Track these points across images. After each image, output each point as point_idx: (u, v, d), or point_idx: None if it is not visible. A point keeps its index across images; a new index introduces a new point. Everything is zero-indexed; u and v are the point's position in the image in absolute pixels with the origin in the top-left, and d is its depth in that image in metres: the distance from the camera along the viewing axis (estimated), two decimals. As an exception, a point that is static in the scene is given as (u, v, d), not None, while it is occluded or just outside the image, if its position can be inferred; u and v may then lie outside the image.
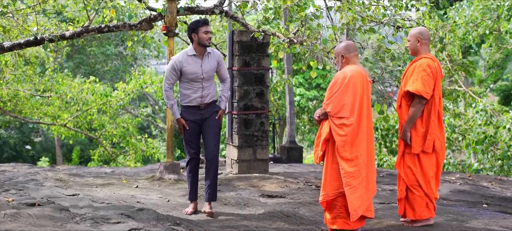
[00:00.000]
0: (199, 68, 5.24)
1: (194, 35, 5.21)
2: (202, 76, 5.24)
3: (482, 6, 14.54)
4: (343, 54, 4.55)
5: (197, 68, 5.23)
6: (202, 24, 5.20)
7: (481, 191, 6.83)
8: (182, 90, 5.29)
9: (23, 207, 4.54)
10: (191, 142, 5.35)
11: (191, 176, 5.40)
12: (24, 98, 14.59)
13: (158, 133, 27.82)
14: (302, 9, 7.42)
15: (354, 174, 4.33)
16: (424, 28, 4.96)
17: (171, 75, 5.25)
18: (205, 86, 5.29)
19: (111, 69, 25.62)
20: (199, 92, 5.27)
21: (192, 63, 5.22)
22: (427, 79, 4.61)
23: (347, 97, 4.36)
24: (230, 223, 4.96)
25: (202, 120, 5.32)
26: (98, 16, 11.10)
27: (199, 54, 5.25)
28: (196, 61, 5.24)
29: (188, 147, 5.37)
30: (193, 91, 5.26)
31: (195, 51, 5.25)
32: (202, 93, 5.28)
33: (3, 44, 8.10)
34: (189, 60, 5.22)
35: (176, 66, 5.20)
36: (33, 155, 27.96)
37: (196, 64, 5.23)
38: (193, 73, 5.22)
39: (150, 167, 9.99)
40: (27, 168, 9.29)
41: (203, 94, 5.28)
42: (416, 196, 4.70)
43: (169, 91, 5.30)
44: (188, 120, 5.30)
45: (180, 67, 5.20)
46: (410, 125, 4.67)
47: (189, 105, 5.29)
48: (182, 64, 5.20)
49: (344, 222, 4.44)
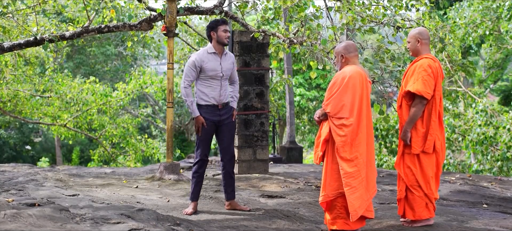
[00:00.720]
0: (218, 65, 5.27)
1: (213, 33, 5.26)
2: (221, 74, 5.28)
3: (482, 6, 14.55)
4: (342, 54, 4.55)
5: (217, 66, 5.26)
6: (221, 23, 5.25)
7: (481, 191, 6.83)
8: (201, 88, 5.29)
9: (23, 208, 4.54)
10: (205, 142, 5.34)
11: (197, 177, 5.40)
12: (24, 98, 14.59)
13: (158, 133, 27.82)
14: (302, 10, 7.42)
15: (354, 175, 4.33)
16: (423, 28, 4.96)
17: (190, 72, 5.24)
18: (223, 84, 5.33)
19: (111, 69, 25.63)
20: (218, 90, 5.29)
21: (212, 60, 5.25)
22: (428, 79, 4.61)
23: (346, 97, 4.36)
24: (230, 223, 4.96)
25: (219, 120, 5.34)
26: (98, 17, 11.10)
27: (218, 52, 5.30)
28: (216, 59, 5.28)
29: (202, 148, 5.34)
30: (212, 89, 5.27)
31: (215, 49, 5.29)
32: (221, 91, 5.30)
33: (3, 45, 8.10)
34: (209, 57, 5.25)
35: (196, 62, 5.21)
36: (33, 155, 27.97)
37: (216, 62, 5.27)
38: (213, 70, 5.24)
39: (150, 168, 9.99)
40: (27, 168, 9.29)
41: (221, 93, 5.30)
42: (416, 196, 4.70)
43: (188, 88, 5.26)
44: (206, 120, 5.29)
45: (200, 64, 5.21)
46: (410, 126, 4.67)
47: (207, 104, 5.29)
48: (202, 61, 5.22)
49: (344, 223, 4.44)
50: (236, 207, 5.52)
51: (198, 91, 5.32)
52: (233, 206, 5.54)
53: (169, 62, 7.66)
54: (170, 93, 7.65)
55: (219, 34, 5.23)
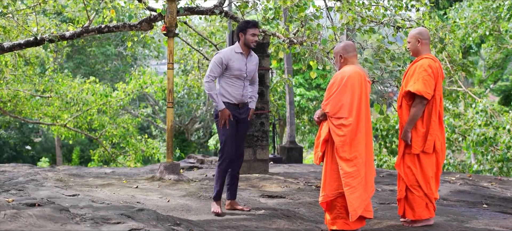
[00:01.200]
0: (244, 66, 5.30)
1: (241, 34, 5.29)
2: (245, 74, 5.31)
3: (482, 6, 14.55)
4: (341, 54, 4.55)
5: (243, 66, 5.29)
6: (251, 26, 5.27)
7: (481, 191, 6.83)
8: (225, 86, 5.30)
9: (23, 208, 4.54)
10: (232, 139, 5.32)
11: (223, 177, 5.38)
12: (24, 98, 14.59)
13: (158, 133, 27.83)
14: (302, 9, 7.42)
15: (353, 174, 4.33)
16: (423, 28, 4.96)
17: (216, 68, 5.24)
18: (245, 85, 5.36)
19: (111, 69, 25.64)
20: (240, 90, 5.32)
21: (239, 60, 5.28)
22: (428, 79, 4.61)
23: (345, 97, 4.36)
24: (230, 223, 4.96)
25: (238, 119, 5.36)
26: (98, 17, 11.10)
27: (244, 53, 5.32)
28: (242, 59, 5.31)
29: (228, 146, 5.32)
30: (235, 88, 5.29)
31: (241, 49, 5.31)
32: (243, 91, 5.33)
33: (3, 45, 8.10)
34: (236, 57, 5.27)
35: (223, 59, 5.22)
36: (33, 155, 27.98)
37: (242, 62, 5.30)
38: (238, 69, 5.26)
39: (150, 168, 9.99)
40: (27, 169, 9.29)
41: (243, 93, 5.33)
42: (416, 196, 4.70)
43: (212, 82, 5.24)
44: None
45: (227, 61, 5.23)
46: (411, 126, 4.67)
47: (229, 102, 5.29)
48: (229, 59, 5.23)
49: (344, 223, 4.44)
50: (236, 207, 5.53)
51: (220, 89, 5.33)
52: (233, 205, 5.54)
53: (169, 62, 7.67)
54: (170, 93, 7.65)
55: (247, 37, 5.26)
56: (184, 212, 5.45)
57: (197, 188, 6.85)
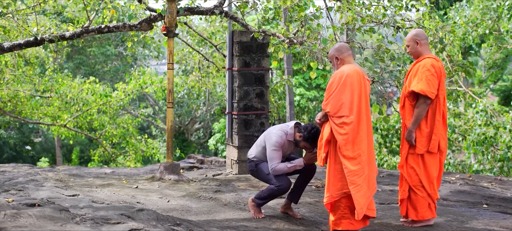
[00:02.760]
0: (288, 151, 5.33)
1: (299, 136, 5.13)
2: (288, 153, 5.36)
3: (482, 6, 14.54)
4: (337, 56, 4.58)
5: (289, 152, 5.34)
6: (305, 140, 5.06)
7: (481, 191, 6.83)
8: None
9: (23, 208, 4.54)
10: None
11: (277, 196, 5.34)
12: (24, 98, 14.58)
13: (158, 133, 27.82)
14: (302, 9, 7.42)
15: (358, 172, 4.33)
16: (418, 29, 4.97)
17: (278, 154, 5.15)
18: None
19: (111, 69, 25.64)
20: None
21: (288, 148, 5.25)
22: (432, 79, 4.60)
23: (345, 95, 4.36)
24: (230, 223, 4.96)
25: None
26: (98, 17, 11.10)
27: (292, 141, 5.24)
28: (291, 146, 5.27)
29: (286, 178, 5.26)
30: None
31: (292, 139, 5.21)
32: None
33: (3, 45, 8.09)
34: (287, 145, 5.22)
35: (281, 144, 5.15)
36: (33, 155, 27.97)
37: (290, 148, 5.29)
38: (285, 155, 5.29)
39: (150, 168, 9.99)
40: (27, 169, 9.29)
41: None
42: (419, 197, 4.70)
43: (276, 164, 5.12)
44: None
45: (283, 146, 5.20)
46: (415, 126, 4.66)
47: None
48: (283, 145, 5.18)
49: (349, 223, 4.43)
50: (288, 212, 5.39)
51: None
52: (286, 209, 5.41)
53: (169, 62, 7.66)
54: (170, 93, 7.65)
55: (300, 144, 5.13)
56: (184, 212, 5.45)
57: (197, 188, 6.85)
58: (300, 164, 5.12)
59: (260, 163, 5.25)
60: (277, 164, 5.09)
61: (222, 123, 22.12)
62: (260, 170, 5.25)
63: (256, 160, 5.27)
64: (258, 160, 5.26)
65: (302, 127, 5.10)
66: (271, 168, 5.11)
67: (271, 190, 5.17)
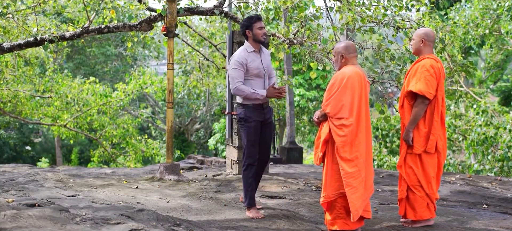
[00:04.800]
0: (260, 63, 5.15)
1: (248, 31, 5.13)
2: (263, 71, 5.16)
3: (482, 6, 14.54)
4: (343, 54, 4.55)
5: (259, 63, 5.14)
6: (255, 20, 5.10)
7: (481, 191, 6.83)
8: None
9: (23, 208, 4.54)
10: (256, 144, 5.15)
11: (252, 182, 5.17)
12: (24, 98, 14.59)
13: (158, 134, 27.83)
14: (302, 10, 7.42)
15: (354, 175, 4.33)
16: (430, 30, 4.93)
17: (238, 73, 5.02)
18: (265, 81, 5.19)
19: (111, 69, 25.65)
20: (262, 88, 5.15)
21: (254, 59, 5.12)
22: (430, 79, 4.60)
23: (346, 97, 4.36)
24: (230, 224, 4.96)
25: (263, 120, 5.19)
26: (98, 17, 11.10)
27: (256, 50, 5.17)
28: (257, 57, 5.15)
29: (254, 150, 5.12)
30: (257, 88, 5.11)
31: (253, 47, 5.15)
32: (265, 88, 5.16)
33: (3, 45, 8.09)
34: (252, 56, 5.11)
35: (242, 61, 5.04)
36: (33, 155, 27.98)
37: (258, 60, 5.15)
38: (257, 68, 5.10)
39: (150, 168, 9.99)
40: (27, 169, 9.29)
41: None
42: (417, 197, 4.70)
43: (241, 84, 5.03)
44: (254, 120, 5.11)
45: (245, 62, 5.05)
46: (413, 126, 4.67)
47: (254, 104, 5.12)
48: (246, 59, 5.07)
49: (343, 223, 4.44)
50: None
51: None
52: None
53: (169, 62, 7.66)
54: (170, 94, 7.65)
55: (255, 32, 5.10)
56: (184, 212, 5.44)
57: (197, 189, 6.85)
58: (262, 94, 5.04)
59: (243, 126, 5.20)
60: (239, 83, 5.01)
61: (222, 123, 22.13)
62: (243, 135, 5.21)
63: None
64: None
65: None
66: (233, 88, 5.02)
67: (244, 180, 5.14)
